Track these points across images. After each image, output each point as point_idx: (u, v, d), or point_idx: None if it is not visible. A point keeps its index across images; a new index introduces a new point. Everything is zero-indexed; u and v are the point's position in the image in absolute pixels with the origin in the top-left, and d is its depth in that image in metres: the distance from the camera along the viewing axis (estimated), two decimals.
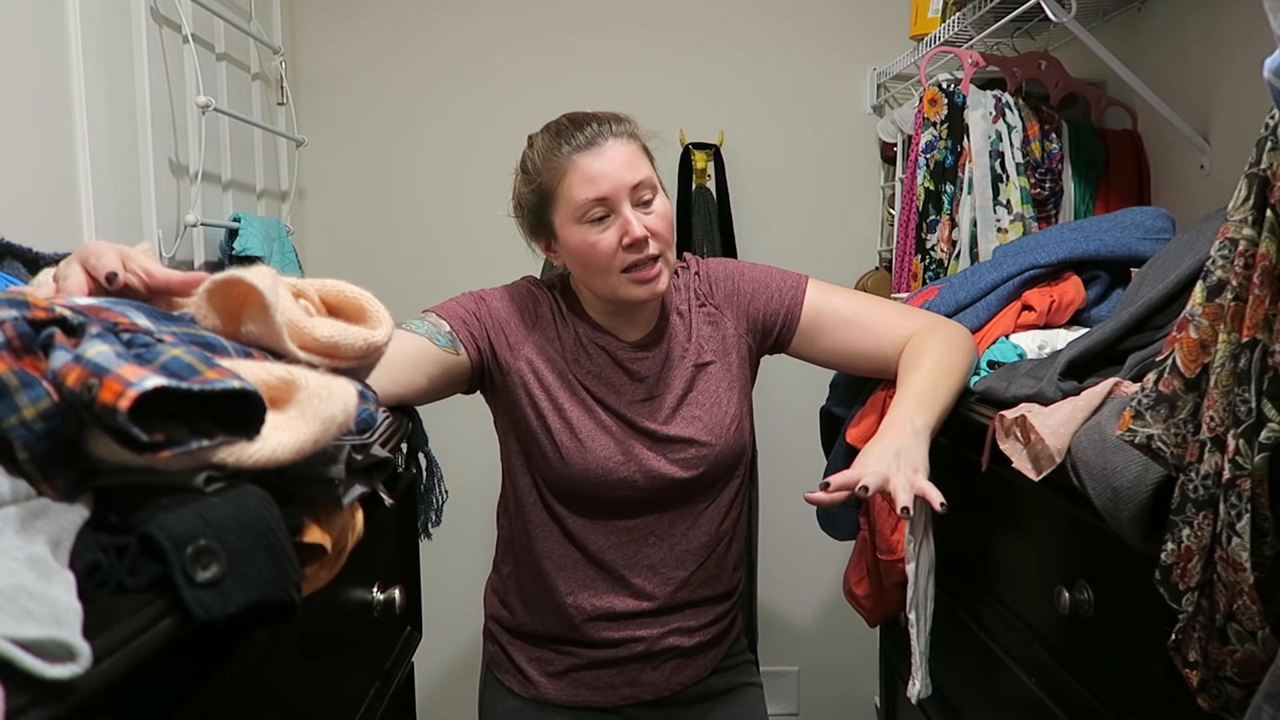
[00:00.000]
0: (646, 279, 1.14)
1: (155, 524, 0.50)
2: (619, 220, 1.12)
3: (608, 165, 1.12)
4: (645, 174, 1.14)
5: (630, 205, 1.13)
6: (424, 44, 2.15)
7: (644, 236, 1.12)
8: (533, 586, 1.27)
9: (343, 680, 0.97)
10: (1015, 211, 1.64)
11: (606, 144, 1.13)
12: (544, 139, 1.17)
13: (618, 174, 1.12)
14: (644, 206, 1.14)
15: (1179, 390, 0.69)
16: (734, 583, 1.34)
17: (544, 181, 1.15)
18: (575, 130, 1.14)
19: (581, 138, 1.13)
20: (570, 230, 1.15)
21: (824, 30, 2.16)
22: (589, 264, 1.15)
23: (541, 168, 1.15)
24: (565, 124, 1.16)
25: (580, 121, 1.15)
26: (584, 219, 1.13)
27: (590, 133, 1.13)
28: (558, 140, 1.15)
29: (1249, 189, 0.65)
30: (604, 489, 1.19)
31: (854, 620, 1.52)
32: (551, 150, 1.14)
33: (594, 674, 1.27)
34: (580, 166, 1.12)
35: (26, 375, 0.50)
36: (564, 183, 1.13)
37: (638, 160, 1.14)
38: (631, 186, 1.12)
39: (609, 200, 1.12)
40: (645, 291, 1.15)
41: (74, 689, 0.41)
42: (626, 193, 1.12)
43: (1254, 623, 0.64)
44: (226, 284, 0.64)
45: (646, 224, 1.13)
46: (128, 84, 1.45)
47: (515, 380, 1.19)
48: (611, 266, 1.14)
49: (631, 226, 1.11)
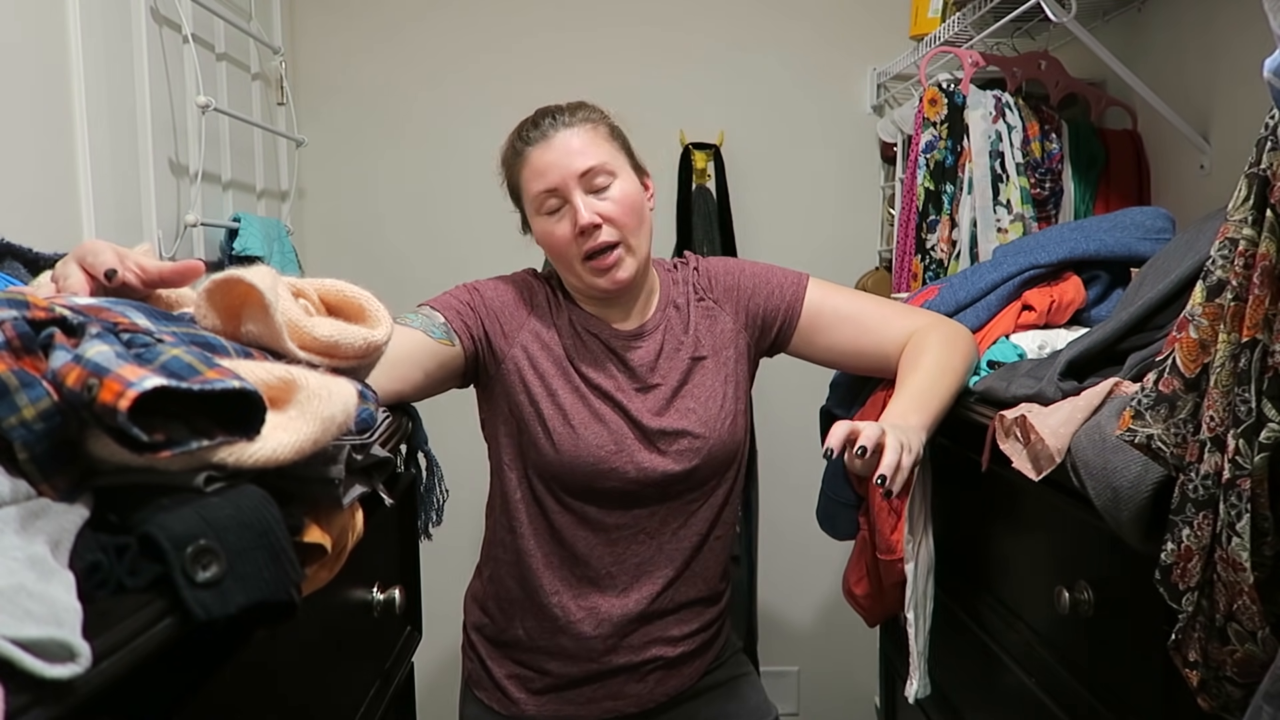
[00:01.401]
0: (604, 267, 1.14)
1: (155, 524, 0.50)
2: (570, 209, 1.13)
3: (554, 155, 1.13)
4: (597, 160, 1.13)
5: (582, 193, 1.13)
6: (424, 44, 2.15)
7: (592, 223, 1.12)
8: (516, 588, 1.25)
9: (343, 680, 0.97)
10: (1015, 211, 1.64)
11: (556, 135, 1.14)
12: (509, 136, 1.20)
13: (565, 163, 1.13)
14: (599, 192, 1.14)
15: (1179, 390, 0.69)
16: (722, 589, 1.32)
17: (510, 178, 1.20)
18: (531, 125, 1.17)
19: (535, 133, 1.15)
20: (535, 222, 1.18)
21: (824, 30, 2.16)
22: (553, 255, 1.19)
23: (508, 164, 1.20)
24: (526, 120, 1.19)
25: (538, 116, 1.17)
26: (540, 210, 1.16)
27: (543, 126, 1.15)
28: (517, 136, 1.18)
29: (1249, 189, 0.65)
30: (594, 479, 1.18)
31: (854, 620, 1.52)
32: (511, 146, 1.19)
33: (575, 691, 1.24)
34: (531, 160, 1.15)
35: (26, 375, 0.50)
36: (521, 177, 1.17)
37: (591, 147, 1.14)
38: (579, 174, 1.13)
39: (559, 190, 1.13)
40: (606, 281, 1.15)
41: (74, 689, 0.41)
42: (575, 180, 1.13)
43: (1254, 623, 0.64)
44: (226, 284, 0.64)
45: (600, 209, 1.13)
46: (128, 84, 1.45)
47: (510, 368, 1.19)
48: (569, 254, 1.15)
49: (579, 214, 1.12)
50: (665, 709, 1.28)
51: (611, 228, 1.13)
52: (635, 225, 1.16)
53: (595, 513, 1.21)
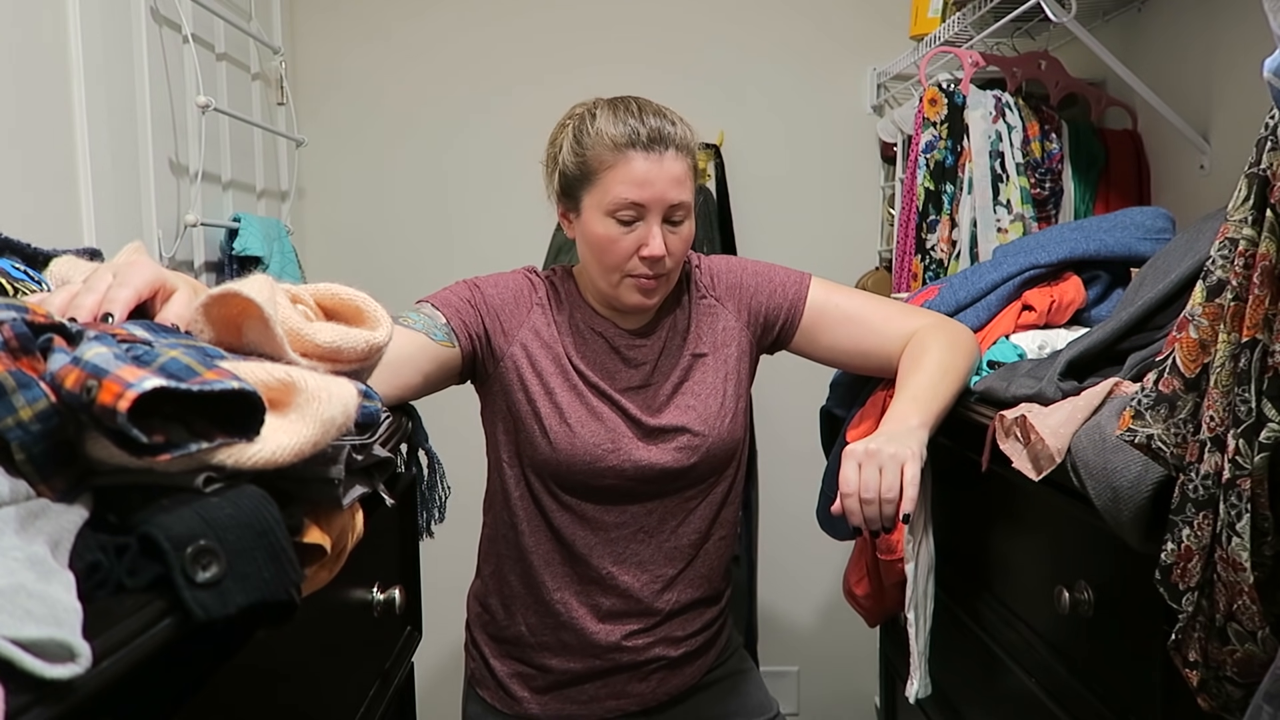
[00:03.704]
0: (646, 289, 1.16)
1: (155, 524, 0.50)
2: (644, 229, 1.12)
3: (659, 176, 1.11)
4: (687, 198, 1.14)
5: (661, 221, 1.13)
6: (424, 44, 2.15)
7: (662, 256, 1.12)
8: (517, 584, 1.25)
9: (343, 680, 0.97)
10: (1015, 211, 1.64)
11: (666, 153, 1.11)
12: (606, 117, 1.13)
13: (664, 189, 1.11)
14: (672, 225, 1.14)
15: (1179, 390, 0.69)
16: (723, 589, 1.32)
17: (590, 159, 1.13)
18: (640, 123, 1.11)
19: (644, 135, 1.10)
20: (595, 217, 1.14)
21: (824, 30, 2.16)
22: (600, 256, 1.15)
23: (594, 145, 1.12)
24: (634, 111, 1.13)
25: (649, 121, 1.12)
26: (613, 213, 1.12)
27: (653, 134, 1.11)
28: (620, 127, 1.11)
29: (1249, 189, 0.65)
30: (591, 477, 1.18)
31: (854, 620, 1.52)
32: (611, 134, 1.11)
33: (578, 689, 1.25)
34: (632, 164, 1.10)
35: (24, 376, 0.49)
36: (610, 171, 1.11)
37: (686, 180, 1.13)
38: (671, 205, 1.12)
39: (644, 208, 1.12)
40: (639, 300, 1.16)
41: (74, 689, 0.41)
42: (663, 209, 1.12)
43: (1254, 623, 0.64)
44: (223, 298, 0.64)
45: (669, 244, 1.13)
46: (128, 84, 1.45)
47: (508, 365, 1.19)
48: (620, 267, 1.14)
49: (654, 243, 1.12)
50: (667, 707, 1.29)
51: (669, 260, 1.14)
52: (682, 261, 1.18)
53: (593, 510, 1.21)
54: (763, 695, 1.37)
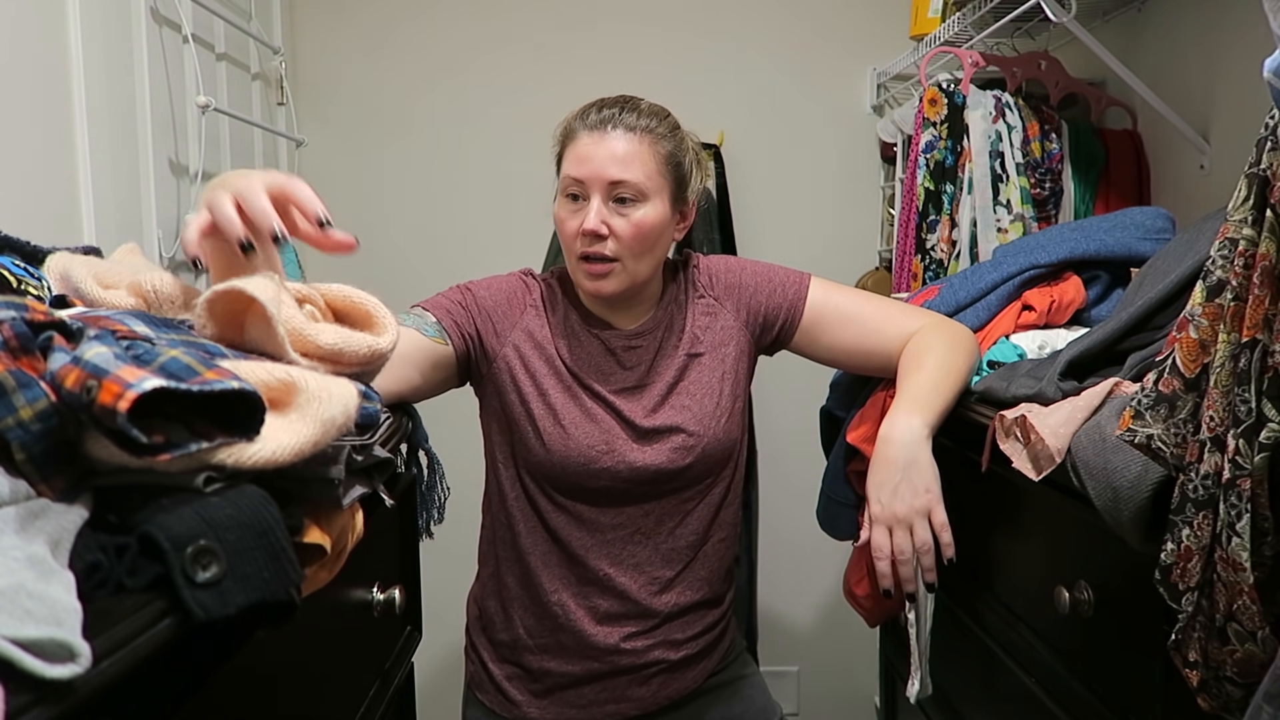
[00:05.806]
0: (593, 273, 1.16)
1: (155, 524, 0.50)
2: (587, 207, 1.14)
3: (598, 152, 1.13)
4: (630, 177, 1.12)
5: (603, 199, 1.13)
6: (424, 44, 2.15)
7: (596, 230, 1.12)
8: (515, 585, 1.25)
9: (342, 680, 0.97)
10: (1015, 211, 1.64)
11: (611, 132, 1.14)
12: (582, 106, 1.19)
13: (601, 164, 1.12)
14: (620, 205, 1.14)
15: (1179, 390, 0.69)
16: (725, 592, 1.31)
17: (560, 144, 1.19)
18: (596, 109, 1.17)
19: (595, 118, 1.15)
20: (557, 200, 1.19)
21: (824, 30, 2.16)
22: (560, 235, 1.19)
23: (560, 133, 1.19)
24: (598, 100, 1.19)
25: (607, 104, 1.17)
26: (564, 192, 1.17)
27: (604, 115, 1.15)
28: (582, 112, 1.18)
29: (1249, 189, 0.65)
30: (586, 478, 1.18)
31: (854, 620, 1.52)
32: (573, 118, 1.18)
33: (576, 691, 1.24)
34: (578, 143, 1.15)
35: (24, 376, 0.50)
36: (566, 152, 1.17)
37: (634, 161, 1.13)
38: (609, 182, 1.13)
39: (584, 184, 1.14)
40: (591, 285, 1.17)
41: (74, 689, 0.41)
42: (603, 186, 1.13)
43: (1254, 623, 0.64)
44: (228, 295, 0.64)
45: (611, 223, 1.13)
46: (128, 84, 1.45)
47: (501, 367, 1.19)
48: (571, 248, 1.17)
49: (588, 217, 1.13)
50: (668, 711, 1.28)
51: (614, 243, 1.13)
52: (639, 251, 1.15)
53: (589, 512, 1.20)
54: (765, 700, 1.37)
